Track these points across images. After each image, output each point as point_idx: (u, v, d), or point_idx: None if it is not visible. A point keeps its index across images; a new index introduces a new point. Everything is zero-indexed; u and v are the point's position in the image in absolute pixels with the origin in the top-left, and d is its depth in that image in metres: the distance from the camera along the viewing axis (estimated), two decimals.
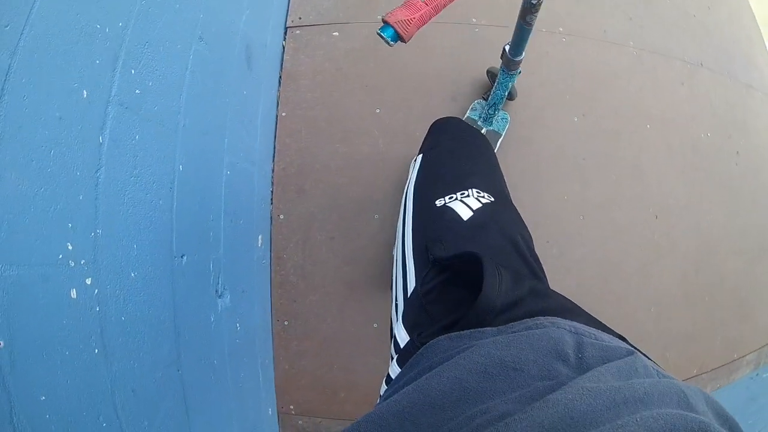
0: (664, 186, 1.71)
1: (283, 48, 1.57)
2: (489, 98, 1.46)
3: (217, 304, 1.18)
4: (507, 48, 1.24)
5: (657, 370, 0.44)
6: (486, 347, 0.45)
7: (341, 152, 1.57)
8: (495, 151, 1.50)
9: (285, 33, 1.57)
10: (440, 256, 0.66)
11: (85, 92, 0.74)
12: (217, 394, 1.14)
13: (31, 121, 0.64)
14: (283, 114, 1.56)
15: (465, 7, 1.68)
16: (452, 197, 0.75)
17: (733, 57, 2.01)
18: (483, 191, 0.76)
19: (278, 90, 1.56)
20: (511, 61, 1.25)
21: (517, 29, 1.15)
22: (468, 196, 0.74)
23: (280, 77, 1.56)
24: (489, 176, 0.84)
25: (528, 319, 0.51)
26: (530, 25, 1.10)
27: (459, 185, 0.77)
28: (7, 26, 0.57)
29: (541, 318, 0.51)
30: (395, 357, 0.65)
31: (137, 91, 0.87)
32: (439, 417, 0.39)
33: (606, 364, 0.41)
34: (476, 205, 0.72)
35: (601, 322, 0.59)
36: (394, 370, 0.62)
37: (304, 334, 1.51)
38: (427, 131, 0.98)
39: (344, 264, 1.53)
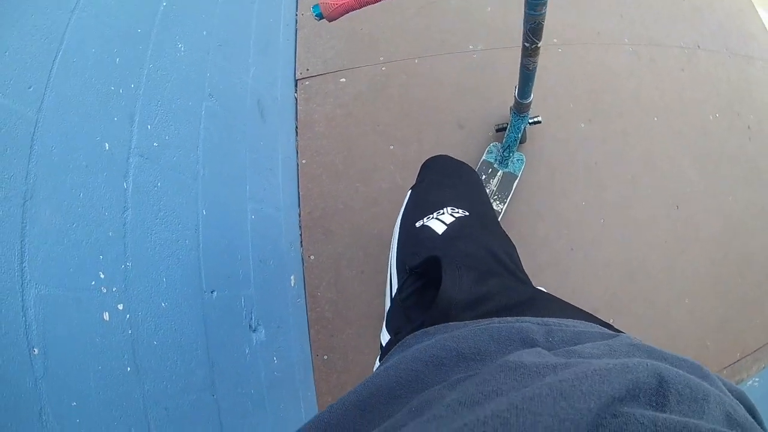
0: (680, 175, 1.70)
1: (296, 99, 1.73)
2: (503, 141, 1.53)
3: (251, 337, 1.26)
4: (515, 92, 1.31)
5: (650, 349, 0.42)
6: (442, 340, 0.46)
7: (361, 191, 1.67)
8: (510, 194, 1.57)
9: (296, 85, 1.74)
10: (413, 264, 0.71)
11: (107, 145, 0.88)
12: (255, 421, 1.19)
13: (60, 168, 0.78)
14: (304, 161, 1.69)
15: (462, 35, 1.80)
16: (429, 217, 0.80)
17: (728, 32, 2.02)
18: (458, 208, 0.81)
19: (296, 139, 1.70)
20: (520, 104, 1.33)
21: (521, 73, 1.22)
22: (443, 213, 0.80)
23: (297, 127, 1.71)
24: (466, 196, 0.88)
25: (495, 318, 0.52)
26: (530, 69, 1.18)
27: (436, 207, 0.82)
28: (30, 88, 0.72)
29: (509, 318, 0.52)
30: (378, 357, 0.69)
31: (155, 144, 1.02)
32: (392, 406, 0.40)
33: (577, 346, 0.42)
34: (450, 220, 0.77)
35: (588, 313, 0.60)
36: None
37: (344, 367, 1.55)
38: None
39: (374, 297, 1.59)
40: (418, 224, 0.80)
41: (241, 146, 1.38)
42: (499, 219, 1.56)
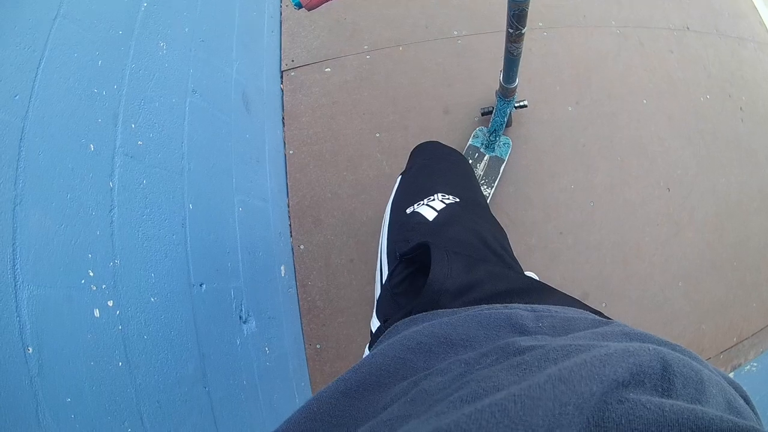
0: (671, 157, 1.73)
1: (282, 90, 1.76)
2: (489, 126, 1.57)
3: (242, 329, 1.32)
4: (500, 76, 1.33)
5: (643, 335, 0.41)
6: (429, 327, 0.47)
7: (349, 179, 1.71)
8: (497, 178, 1.60)
9: (281, 76, 1.77)
10: (403, 251, 0.73)
11: (92, 146, 0.93)
12: (248, 412, 1.26)
13: (47, 172, 0.82)
14: (291, 152, 1.73)
15: (446, 20, 1.83)
16: (420, 203, 0.82)
17: (718, 13, 2.05)
18: (448, 194, 0.83)
19: (283, 130, 1.74)
20: (505, 88, 1.35)
21: (505, 58, 1.24)
22: (434, 200, 0.82)
23: (283, 118, 1.75)
24: (456, 183, 0.90)
25: (483, 305, 0.53)
26: (515, 54, 1.20)
27: (426, 193, 0.84)
28: (16, 96, 0.76)
29: (498, 305, 0.53)
30: (367, 344, 0.72)
31: (139, 142, 1.06)
32: (381, 394, 0.40)
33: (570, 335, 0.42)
34: (440, 206, 0.79)
35: (577, 300, 0.60)
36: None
37: (336, 355, 1.61)
38: None
39: (365, 284, 1.64)
40: (408, 210, 0.83)
41: (226, 140, 1.42)
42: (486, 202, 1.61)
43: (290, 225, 1.70)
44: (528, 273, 1.61)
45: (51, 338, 0.76)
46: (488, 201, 1.63)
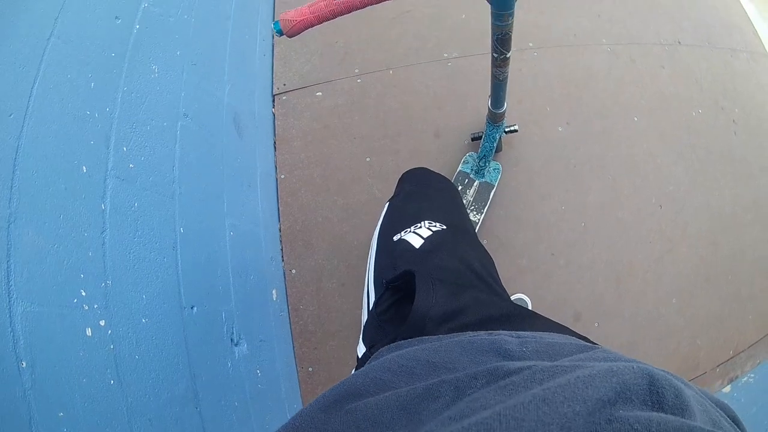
0: (663, 174, 1.78)
1: (273, 114, 1.82)
2: (479, 151, 1.61)
3: (233, 351, 1.34)
4: (489, 102, 1.37)
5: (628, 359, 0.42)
6: (412, 351, 0.49)
7: (340, 204, 1.76)
8: (487, 205, 1.65)
9: (273, 100, 1.83)
10: (389, 278, 0.74)
11: (84, 168, 0.97)
12: None
13: (41, 192, 0.86)
14: (282, 176, 1.78)
15: (436, 44, 1.90)
16: (406, 230, 0.84)
17: (710, 25, 2.12)
18: (435, 221, 0.85)
19: (274, 154, 1.79)
20: (494, 113, 1.39)
21: (492, 83, 1.27)
22: (420, 227, 0.83)
23: (275, 142, 1.80)
24: (444, 210, 0.92)
25: (468, 332, 0.54)
26: (500, 79, 1.23)
27: (413, 220, 0.86)
28: (10, 115, 0.80)
29: (482, 332, 0.53)
30: (353, 369, 0.73)
31: (131, 165, 1.10)
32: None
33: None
34: (427, 234, 0.81)
35: (564, 326, 0.62)
36: None
37: (328, 378, 1.63)
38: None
39: (356, 308, 1.67)
40: (395, 238, 0.84)
41: (218, 163, 1.46)
42: (476, 229, 1.64)
43: (282, 249, 1.73)
44: (519, 295, 1.64)
45: (44, 354, 0.79)
46: (478, 226, 1.67)
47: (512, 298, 1.63)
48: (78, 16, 0.99)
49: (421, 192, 0.98)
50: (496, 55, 1.15)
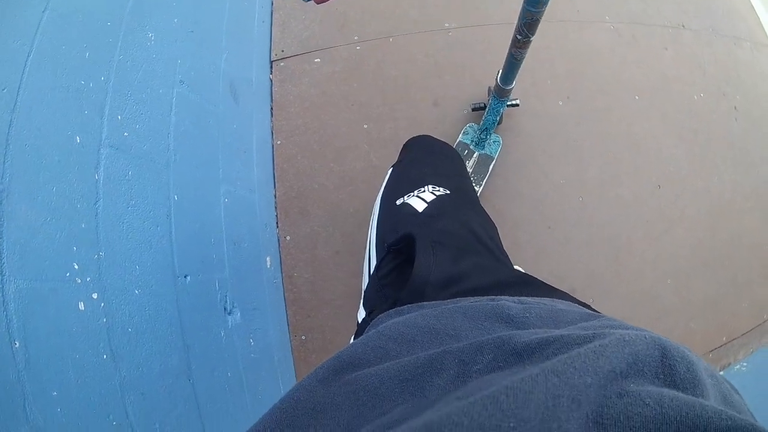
0: (663, 154, 1.78)
1: (271, 81, 1.78)
2: (481, 123, 1.59)
3: (226, 320, 1.35)
4: (498, 76, 1.34)
5: (634, 328, 0.40)
6: (412, 318, 0.48)
7: (336, 171, 1.74)
8: (486, 176, 1.63)
9: (271, 67, 1.78)
10: (391, 242, 0.74)
11: (78, 138, 0.95)
12: (233, 403, 1.29)
13: (33, 165, 0.84)
14: (279, 142, 1.76)
15: (437, 12, 1.85)
16: (410, 194, 0.83)
17: (714, 12, 2.08)
18: (439, 186, 0.84)
19: (271, 120, 1.76)
20: (502, 89, 1.37)
21: (507, 61, 1.25)
22: (424, 191, 0.83)
23: (272, 108, 1.77)
24: (448, 175, 0.91)
25: (469, 297, 0.53)
26: (518, 59, 1.21)
27: (417, 184, 0.85)
28: (4, 89, 0.78)
29: (484, 297, 0.53)
30: (353, 335, 0.74)
31: (125, 133, 1.08)
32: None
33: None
34: (430, 198, 0.80)
35: (566, 293, 0.60)
36: None
37: (322, 347, 1.65)
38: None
39: (350, 276, 1.68)
40: (398, 202, 0.84)
41: (213, 130, 1.43)
42: None
43: (277, 216, 1.72)
44: (516, 267, 1.65)
45: (37, 332, 0.79)
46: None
47: None
48: None
49: (425, 158, 0.97)
50: (519, 37, 1.12)
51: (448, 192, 0.83)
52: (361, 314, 0.75)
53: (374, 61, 1.79)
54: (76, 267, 0.91)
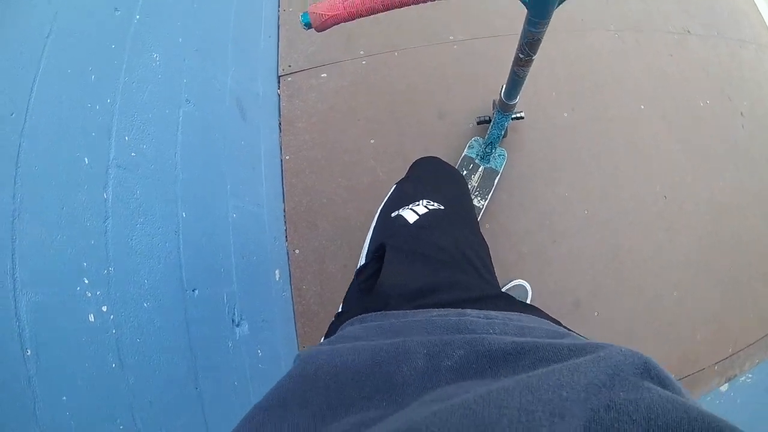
0: (668, 163, 1.78)
1: (279, 96, 1.84)
2: (486, 137, 1.62)
3: (234, 332, 1.40)
4: (502, 91, 1.37)
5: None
6: (373, 327, 0.49)
7: (344, 185, 1.79)
8: (491, 191, 1.66)
9: (279, 82, 1.85)
10: (373, 249, 0.78)
11: (86, 159, 1.01)
12: (239, 413, 1.34)
13: (43, 186, 0.90)
14: (287, 157, 1.81)
15: (441, 26, 1.89)
16: (404, 207, 0.86)
17: (719, 15, 2.08)
18: (434, 201, 0.86)
19: (279, 135, 1.82)
20: (506, 104, 1.39)
21: (510, 78, 1.26)
22: (418, 204, 0.85)
23: (280, 123, 1.83)
24: (446, 193, 0.92)
25: (434, 310, 0.54)
26: (520, 77, 1.23)
27: (413, 199, 0.88)
28: (12, 114, 0.84)
29: (451, 310, 0.53)
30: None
31: (133, 154, 1.14)
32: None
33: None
34: (423, 211, 0.82)
35: (539, 309, 0.60)
36: None
37: None
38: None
39: None
40: (393, 214, 0.86)
41: (220, 147, 1.50)
42: (480, 215, 1.66)
43: (286, 229, 1.78)
44: (520, 281, 1.67)
45: (48, 341, 0.84)
46: (482, 212, 1.69)
47: (512, 284, 1.66)
48: (76, 12, 1.02)
49: (428, 177, 1.00)
50: (522, 56, 1.14)
51: (442, 207, 0.85)
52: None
53: (380, 75, 1.84)
54: (86, 281, 0.97)
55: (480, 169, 1.71)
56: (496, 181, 1.70)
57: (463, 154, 1.73)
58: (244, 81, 1.63)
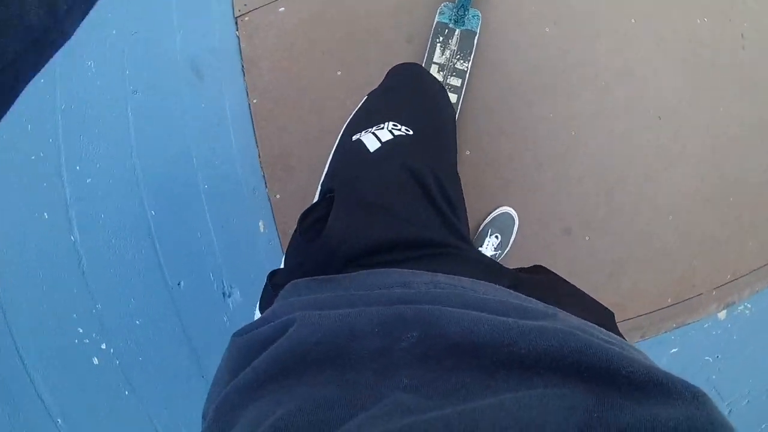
0: (663, 84, 1.69)
1: (238, 38, 1.70)
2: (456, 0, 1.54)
3: (228, 304, 1.50)
4: None
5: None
6: (309, 300, 0.45)
7: (314, 122, 1.74)
8: (472, 52, 1.59)
9: (236, 23, 1.69)
10: (323, 190, 0.70)
11: (45, 214, 1.01)
12: None
13: (15, 254, 0.93)
14: (255, 101, 1.73)
15: None
16: (367, 130, 0.75)
17: None
18: (401, 125, 0.75)
19: (244, 80, 1.72)
20: None
21: None
22: (382, 128, 0.74)
23: (243, 66, 1.71)
24: (418, 113, 0.82)
25: (380, 270, 0.50)
26: None
27: (378, 120, 0.77)
28: None
29: (405, 270, 0.49)
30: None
31: (88, 180, 1.12)
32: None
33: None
34: (387, 137, 0.72)
35: (508, 270, 0.57)
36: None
37: None
38: None
39: None
40: (354, 137, 0.76)
41: (179, 121, 1.44)
42: (465, 78, 1.61)
43: (264, 176, 1.77)
44: (505, 208, 1.68)
45: (63, 387, 0.96)
46: (467, 75, 1.63)
47: (498, 211, 1.66)
48: None
49: (402, 90, 0.89)
50: None
51: (410, 132, 0.74)
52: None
53: (339, 3, 1.68)
54: (81, 330, 1.04)
55: (456, 33, 1.63)
56: (475, 41, 1.63)
57: (435, 21, 1.64)
58: (195, 39, 1.51)
